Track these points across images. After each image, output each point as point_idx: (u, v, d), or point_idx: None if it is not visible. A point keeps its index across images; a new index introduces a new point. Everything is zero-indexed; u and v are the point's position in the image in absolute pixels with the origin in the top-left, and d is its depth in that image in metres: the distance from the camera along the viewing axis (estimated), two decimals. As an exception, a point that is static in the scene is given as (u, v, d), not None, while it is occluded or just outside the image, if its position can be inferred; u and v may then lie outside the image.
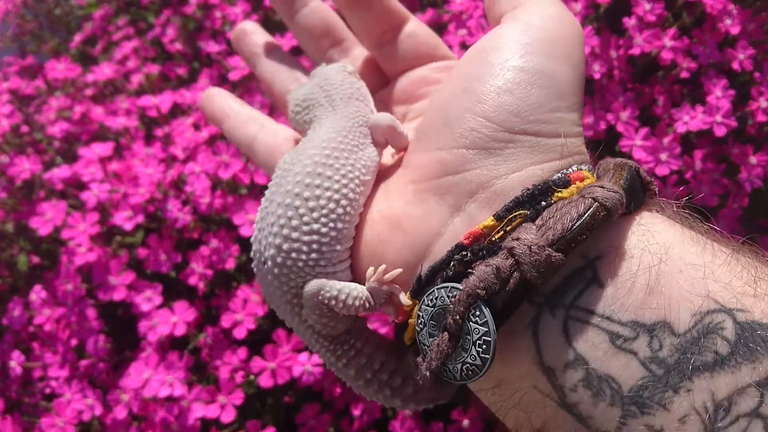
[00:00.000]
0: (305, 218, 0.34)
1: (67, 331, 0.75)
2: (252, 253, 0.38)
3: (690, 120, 0.68)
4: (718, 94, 0.68)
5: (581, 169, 0.32)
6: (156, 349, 0.71)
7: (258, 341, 0.72)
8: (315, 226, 0.34)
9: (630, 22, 0.71)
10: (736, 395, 0.25)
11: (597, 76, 0.70)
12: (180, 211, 0.76)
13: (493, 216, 0.30)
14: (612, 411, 0.26)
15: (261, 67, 0.49)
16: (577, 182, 0.30)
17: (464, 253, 0.30)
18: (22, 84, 0.88)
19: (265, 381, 0.69)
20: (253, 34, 0.49)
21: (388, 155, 0.41)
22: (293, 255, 0.34)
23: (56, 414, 0.71)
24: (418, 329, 0.31)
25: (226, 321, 0.71)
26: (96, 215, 0.74)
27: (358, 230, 0.36)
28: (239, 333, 0.71)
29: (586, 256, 0.28)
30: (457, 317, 0.28)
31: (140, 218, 0.75)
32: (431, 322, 0.30)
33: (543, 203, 0.30)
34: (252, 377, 0.71)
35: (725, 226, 0.74)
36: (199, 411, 0.67)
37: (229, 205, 0.76)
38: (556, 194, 0.30)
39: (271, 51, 0.49)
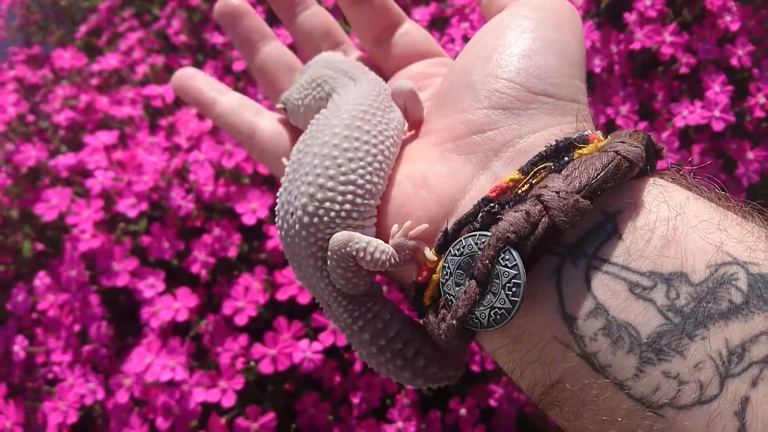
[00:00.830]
0: (343, 168, 0.35)
1: (70, 317, 0.76)
2: (277, 208, 0.38)
3: (689, 114, 0.69)
4: (717, 90, 0.69)
5: (596, 133, 0.33)
6: (158, 335, 0.72)
7: (258, 329, 0.73)
8: (352, 177, 0.35)
9: (631, 17, 0.72)
10: (749, 342, 0.26)
11: (598, 70, 0.71)
12: (183, 199, 0.77)
13: (519, 170, 0.31)
14: (630, 358, 0.27)
15: (260, 55, 0.49)
16: (596, 141, 0.32)
17: (491, 205, 0.31)
18: (28, 73, 0.89)
19: (265, 367, 0.70)
20: (249, 15, 0.49)
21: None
22: (327, 204, 0.35)
23: (58, 398, 0.72)
24: (443, 280, 0.31)
25: (227, 308, 0.72)
26: (100, 202, 0.75)
27: (385, 191, 0.37)
28: (240, 320, 0.72)
29: (606, 211, 0.30)
30: (487, 262, 0.29)
31: (144, 206, 0.76)
32: (458, 271, 0.31)
33: (566, 158, 0.31)
34: (252, 364, 0.72)
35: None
36: (200, 395, 0.67)
37: (231, 194, 0.77)
38: (577, 151, 0.31)
39: (268, 40, 0.49)
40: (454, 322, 0.30)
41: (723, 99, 0.68)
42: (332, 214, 0.35)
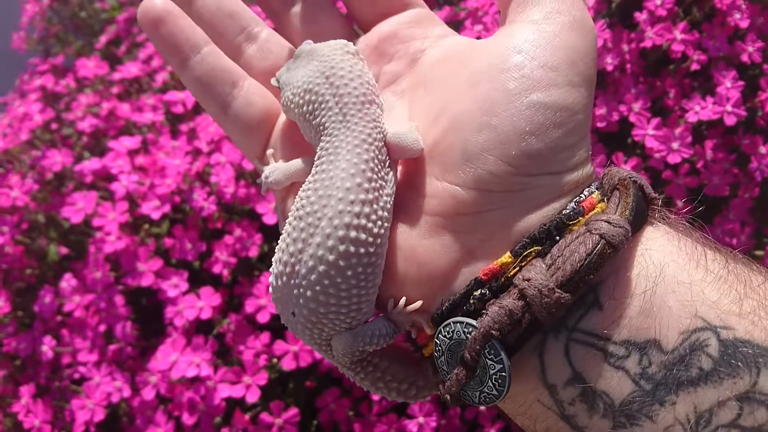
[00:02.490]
0: (342, 285, 0.32)
1: (96, 317, 0.78)
2: (274, 300, 0.36)
3: (701, 110, 0.70)
4: (728, 85, 0.70)
5: (592, 193, 0.32)
6: (182, 334, 0.73)
7: (280, 327, 0.75)
8: (354, 291, 0.33)
9: (641, 16, 0.73)
10: (716, 407, 0.27)
11: (610, 68, 0.72)
12: (205, 200, 0.78)
13: (511, 252, 0.31)
14: (604, 422, 0.29)
15: (198, 5, 0.41)
16: (589, 213, 0.32)
17: (483, 291, 0.31)
18: (51, 82, 0.91)
19: (287, 363, 0.71)
20: None
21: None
22: (330, 316, 0.34)
23: (86, 396, 0.74)
24: (437, 355, 0.33)
25: (249, 306, 0.74)
26: (125, 204, 0.76)
27: None
28: (262, 317, 0.73)
29: (589, 282, 0.30)
30: (474, 354, 0.31)
31: (167, 208, 0.78)
32: (449, 351, 0.32)
33: (557, 237, 0.31)
34: (275, 361, 0.73)
35: (736, 215, 0.76)
36: (224, 391, 0.69)
37: (252, 195, 0.79)
38: (569, 227, 0.31)
39: None
40: (448, 396, 0.32)
41: (734, 94, 0.70)
42: (336, 322, 0.34)
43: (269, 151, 0.40)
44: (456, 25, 0.80)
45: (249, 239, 0.78)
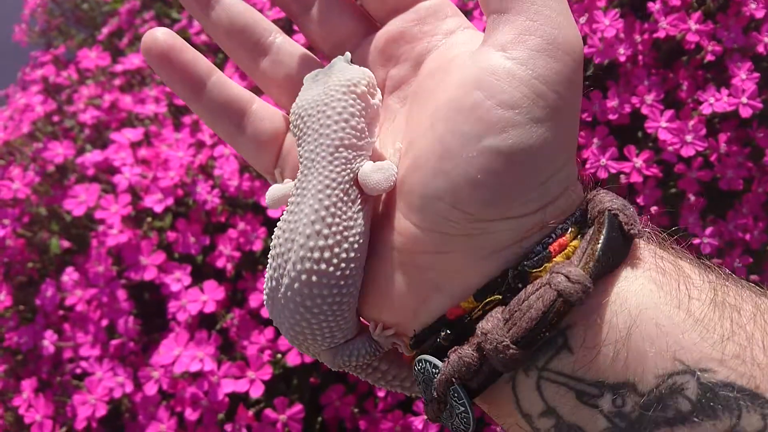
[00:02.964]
0: (313, 320, 0.33)
1: (98, 312, 0.77)
2: (266, 304, 0.36)
3: (715, 102, 0.69)
4: (743, 77, 0.69)
5: (566, 231, 0.31)
6: (185, 328, 0.72)
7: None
8: (324, 325, 0.34)
9: (655, 6, 0.72)
10: None
11: (622, 59, 0.71)
12: (209, 193, 0.77)
13: (473, 296, 0.31)
14: None
15: (212, 21, 0.38)
16: (557, 256, 0.30)
17: (448, 332, 0.32)
18: (53, 73, 0.90)
19: (292, 359, 0.70)
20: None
21: None
22: (309, 340, 0.35)
23: (87, 391, 0.73)
24: (417, 381, 0.34)
25: (253, 300, 0.73)
26: (128, 197, 0.75)
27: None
28: (266, 312, 0.72)
29: (557, 326, 0.29)
30: (440, 393, 0.31)
31: (170, 201, 0.76)
32: (423, 383, 0.33)
33: (519, 285, 0.30)
34: (279, 356, 0.72)
35: (749, 210, 0.74)
36: (228, 386, 0.68)
37: (256, 188, 0.77)
38: (533, 274, 0.30)
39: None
40: (428, 419, 0.34)
41: (750, 86, 0.68)
42: (315, 345, 0.35)
43: (276, 171, 0.40)
44: (465, 14, 0.78)
45: (253, 233, 0.77)
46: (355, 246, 0.33)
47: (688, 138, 0.69)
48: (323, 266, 0.32)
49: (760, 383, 0.27)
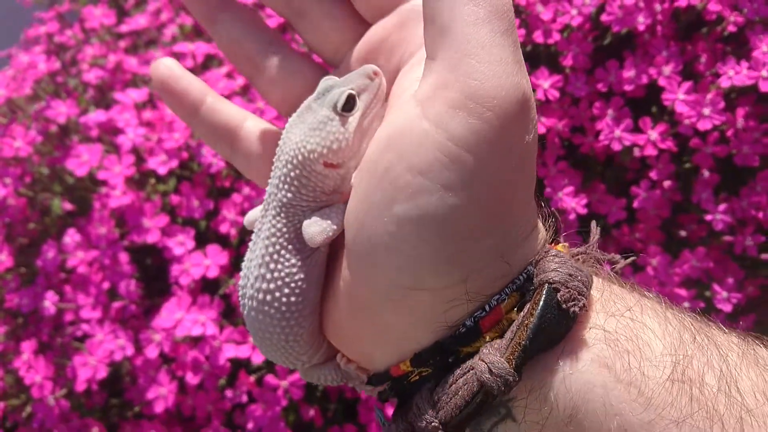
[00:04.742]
0: (268, 342, 0.35)
1: (99, 274, 0.76)
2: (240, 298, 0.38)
3: (735, 75, 0.67)
4: (764, 49, 0.67)
5: (502, 300, 0.29)
6: (187, 293, 0.72)
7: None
8: (281, 348, 0.35)
9: (676, -26, 0.70)
10: None
11: (641, 28, 0.69)
12: (214, 157, 0.76)
13: (410, 361, 0.30)
14: None
15: (217, 38, 0.39)
16: (488, 332, 0.29)
17: (391, 388, 0.32)
18: (56, 30, 0.88)
19: (295, 325, 0.69)
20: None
21: None
22: (276, 358, 0.37)
23: (88, 353, 0.72)
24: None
25: (257, 266, 0.71)
26: (131, 158, 0.74)
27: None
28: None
29: (485, 412, 0.29)
30: None
31: (174, 163, 0.75)
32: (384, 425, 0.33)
33: (449, 359, 0.29)
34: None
35: (764, 188, 0.73)
36: (230, 351, 0.67)
37: (262, 153, 0.76)
38: (464, 349, 0.29)
39: (223, 18, 0.39)
40: None
41: (771, 59, 0.66)
42: (280, 350, 0.36)
43: None
44: None
45: (257, 198, 0.76)
46: (296, 291, 0.34)
47: (706, 111, 0.67)
48: (266, 307, 0.34)
49: None
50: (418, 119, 0.27)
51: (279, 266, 0.34)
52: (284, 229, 0.34)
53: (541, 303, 0.27)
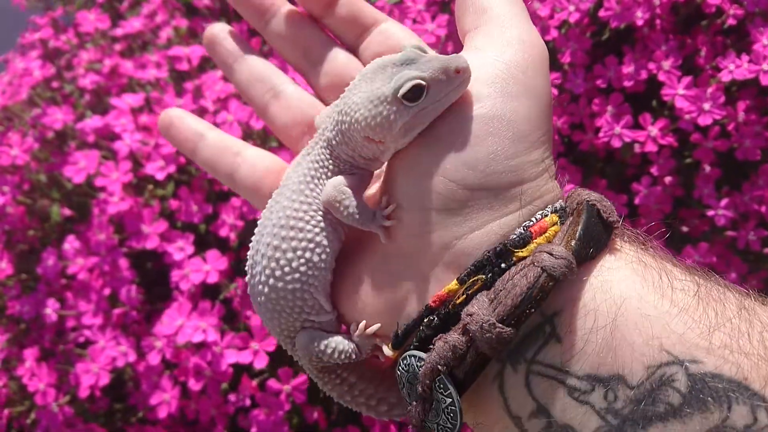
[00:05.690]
0: (286, 268, 0.36)
1: (100, 280, 0.76)
2: (247, 280, 0.39)
3: (735, 68, 0.66)
4: (765, 42, 0.66)
5: (545, 216, 0.32)
6: (188, 298, 0.71)
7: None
8: (296, 275, 0.36)
9: (674, -33, 0.69)
10: None
11: (640, 22, 0.68)
12: (211, 161, 0.75)
13: (457, 279, 0.31)
14: None
15: (236, 77, 0.46)
16: (538, 237, 0.31)
17: (432, 317, 0.32)
18: (52, 36, 0.88)
19: (297, 329, 0.69)
20: (224, 41, 0.46)
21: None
22: (282, 302, 0.36)
23: (91, 360, 0.72)
24: (400, 386, 0.34)
25: (257, 270, 0.71)
26: (128, 164, 0.74)
27: (339, 282, 0.37)
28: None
29: (544, 312, 0.30)
30: (426, 388, 0.31)
31: (172, 168, 0.75)
32: (408, 383, 0.33)
33: (503, 265, 0.31)
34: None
35: (766, 181, 0.72)
36: (231, 357, 0.67)
37: (260, 156, 0.75)
38: (515, 254, 0.31)
39: (245, 58, 0.45)
40: (412, 428, 0.33)
41: (772, 52, 0.65)
42: (287, 310, 0.36)
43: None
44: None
45: (257, 201, 0.75)
46: (319, 251, 0.36)
47: (706, 106, 0.67)
48: (284, 245, 0.35)
49: (748, 374, 0.27)
50: (483, 53, 0.34)
51: (305, 207, 0.36)
52: (312, 193, 0.36)
53: (584, 213, 0.31)
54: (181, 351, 0.70)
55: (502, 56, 0.33)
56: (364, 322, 0.35)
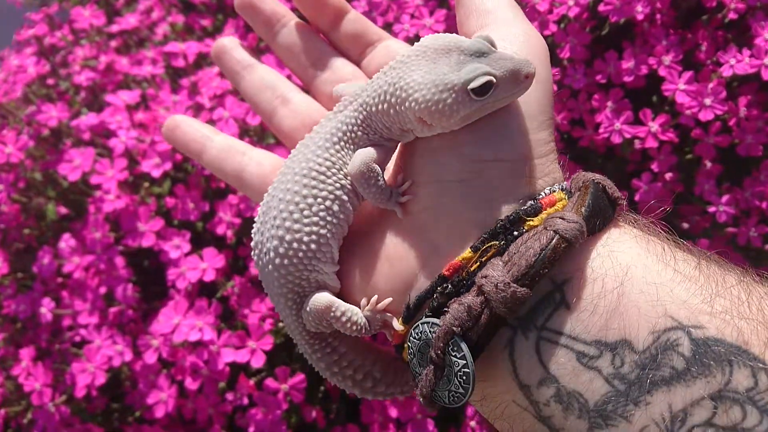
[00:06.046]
0: (305, 212, 0.36)
1: (96, 279, 0.75)
2: (253, 244, 0.40)
3: (736, 63, 0.66)
4: (767, 37, 0.65)
5: (554, 191, 0.34)
6: (184, 296, 0.71)
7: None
8: (314, 219, 0.36)
9: (675, -39, 0.68)
10: (690, 407, 0.27)
11: (640, 17, 0.67)
12: (208, 158, 0.75)
13: (471, 248, 0.32)
14: (581, 423, 0.29)
15: (244, 84, 0.49)
16: (548, 208, 0.33)
17: (445, 285, 0.33)
18: (47, 32, 0.87)
19: (294, 328, 0.68)
20: (233, 50, 0.49)
21: None
22: (294, 245, 0.37)
23: (86, 359, 0.72)
24: (410, 358, 0.34)
25: (255, 268, 0.70)
26: (124, 161, 0.73)
27: (349, 263, 0.39)
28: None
29: (555, 280, 0.31)
30: (439, 352, 0.31)
31: (168, 165, 0.74)
32: (419, 353, 0.33)
33: (515, 233, 0.32)
34: (281, 324, 0.71)
35: (767, 177, 0.71)
36: (228, 356, 0.66)
37: (257, 153, 0.75)
38: (527, 223, 0.32)
39: (254, 67, 0.49)
40: (421, 399, 0.33)
41: (774, 46, 0.65)
42: (300, 254, 0.37)
43: None
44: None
45: (253, 199, 0.75)
46: (329, 214, 0.37)
47: (707, 101, 0.66)
48: (299, 202, 0.37)
49: (748, 338, 0.28)
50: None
51: (315, 200, 0.37)
52: (353, 127, 0.36)
53: (591, 187, 0.33)
54: (178, 350, 0.69)
55: (511, 47, 0.35)
56: (375, 296, 0.36)
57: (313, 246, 0.36)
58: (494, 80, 0.32)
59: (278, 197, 0.37)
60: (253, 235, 0.40)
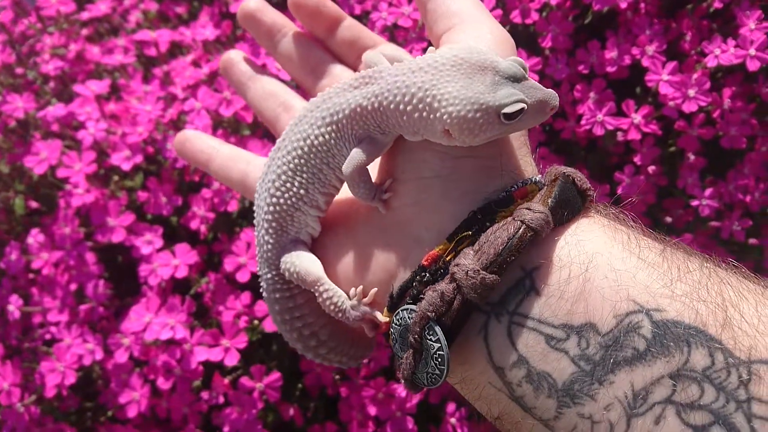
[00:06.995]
0: (303, 159, 0.40)
1: (65, 275, 0.73)
2: (256, 195, 0.43)
3: (721, 54, 0.64)
4: (752, 26, 0.64)
5: (526, 184, 0.35)
6: (157, 293, 0.69)
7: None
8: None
9: (659, -52, 0.66)
10: (651, 385, 0.29)
11: (623, 5, 0.66)
12: (180, 151, 0.72)
13: (446, 239, 0.35)
14: (550, 402, 0.31)
15: (250, 94, 0.52)
16: (519, 200, 0.34)
17: (423, 274, 0.35)
18: (10, 19, 0.84)
19: (270, 325, 0.67)
20: (239, 63, 0.52)
21: None
22: (287, 185, 0.40)
23: (56, 359, 0.70)
24: (393, 343, 0.36)
25: (229, 264, 0.69)
26: (92, 154, 0.71)
27: (338, 251, 0.41)
28: (242, 276, 0.68)
29: (525, 267, 0.33)
30: (416, 336, 0.33)
31: (139, 158, 0.72)
32: (400, 338, 0.35)
33: (487, 224, 0.34)
34: (257, 322, 0.69)
35: (751, 170, 0.70)
36: (201, 355, 0.65)
37: (231, 144, 0.72)
38: (499, 214, 0.34)
39: (258, 77, 0.52)
40: (403, 381, 0.36)
41: (759, 36, 0.63)
42: (293, 190, 0.40)
43: None
44: None
45: (228, 192, 0.73)
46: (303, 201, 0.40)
47: (691, 92, 0.65)
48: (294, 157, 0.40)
49: (706, 320, 0.29)
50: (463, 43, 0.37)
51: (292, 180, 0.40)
52: (358, 117, 0.37)
53: (560, 180, 0.34)
54: (150, 348, 0.68)
55: (480, 43, 0.36)
56: (361, 286, 0.38)
57: (302, 191, 0.40)
58: (526, 107, 0.32)
59: (273, 170, 0.40)
60: (256, 195, 0.43)
